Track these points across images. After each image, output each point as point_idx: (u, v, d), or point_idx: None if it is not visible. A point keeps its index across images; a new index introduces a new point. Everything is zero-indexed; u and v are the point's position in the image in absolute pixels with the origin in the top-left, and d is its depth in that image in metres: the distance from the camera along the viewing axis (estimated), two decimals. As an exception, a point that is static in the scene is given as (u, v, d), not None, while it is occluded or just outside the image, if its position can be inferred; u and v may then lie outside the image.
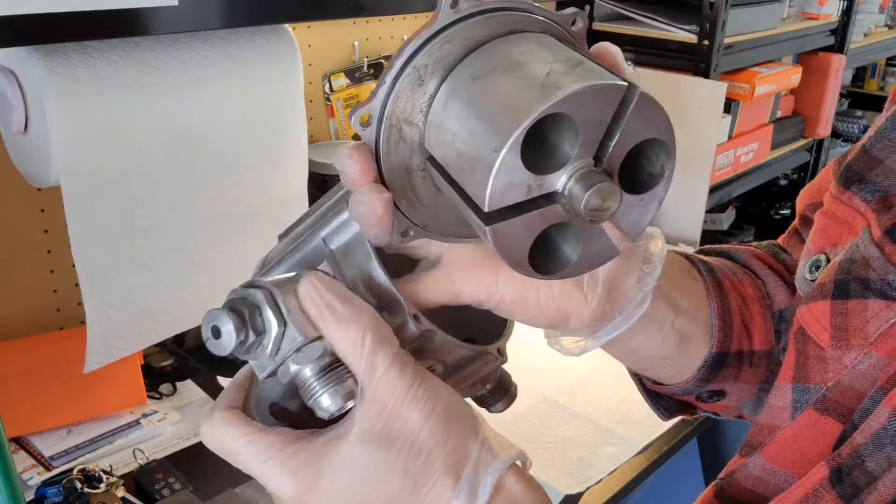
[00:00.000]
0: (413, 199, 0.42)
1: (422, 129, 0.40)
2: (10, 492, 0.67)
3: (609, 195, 0.35)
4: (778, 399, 0.49)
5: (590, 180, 0.35)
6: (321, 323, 0.39)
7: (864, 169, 0.48)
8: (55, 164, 0.84)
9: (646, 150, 0.37)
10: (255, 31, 0.99)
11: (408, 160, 0.41)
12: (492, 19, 0.38)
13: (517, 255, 0.37)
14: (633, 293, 0.48)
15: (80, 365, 0.95)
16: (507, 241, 0.36)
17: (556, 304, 0.48)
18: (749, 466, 0.48)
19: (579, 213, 0.35)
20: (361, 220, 0.41)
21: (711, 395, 0.58)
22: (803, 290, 0.50)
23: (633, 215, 0.38)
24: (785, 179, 2.45)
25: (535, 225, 0.36)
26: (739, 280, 0.58)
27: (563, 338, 0.50)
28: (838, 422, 0.43)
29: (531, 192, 0.35)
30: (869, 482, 0.39)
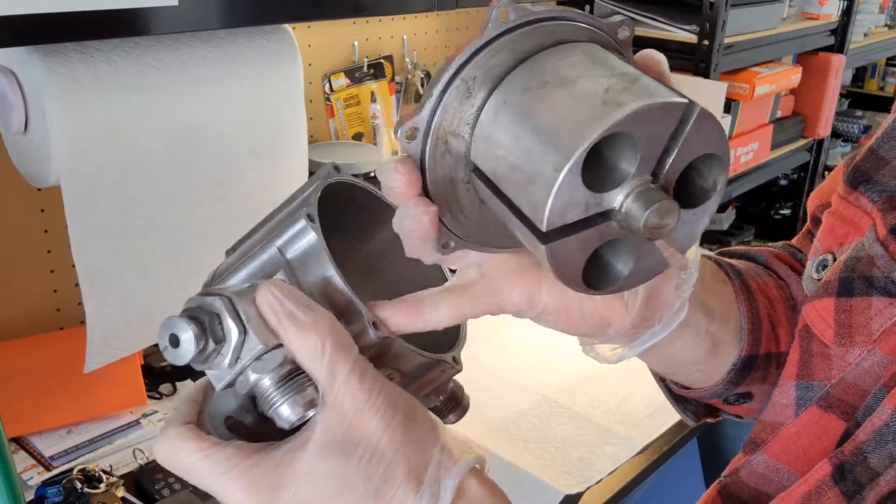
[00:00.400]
0: (457, 211, 0.41)
1: (468, 141, 0.39)
2: (10, 492, 0.67)
3: (668, 213, 0.35)
4: (782, 396, 0.49)
5: (648, 198, 0.34)
6: (281, 330, 0.39)
7: (872, 169, 0.48)
8: (55, 164, 0.84)
9: (698, 165, 0.37)
10: (255, 31, 0.99)
11: (453, 172, 0.40)
12: (539, 29, 0.38)
13: (571, 274, 0.37)
14: (671, 300, 0.48)
15: (80, 365, 0.95)
16: (562, 260, 0.36)
17: (598, 313, 0.47)
18: (752, 464, 0.48)
19: (637, 231, 0.35)
20: (406, 234, 0.40)
21: (739, 398, 0.57)
22: (810, 289, 0.50)
23: (685, 229, 0.38)
24: (785, 179, 2.45)
25: (590, 243, 0.36)
26: (764, 282, 0.58)
27: (599, 346, 0.50)
28: (841, 419, 0.44)
29: (589, 210, 0.35)
30: (871, 479, 0.39)
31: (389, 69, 1.57)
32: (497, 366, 1.32)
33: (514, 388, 1.28)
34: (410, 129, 0.39)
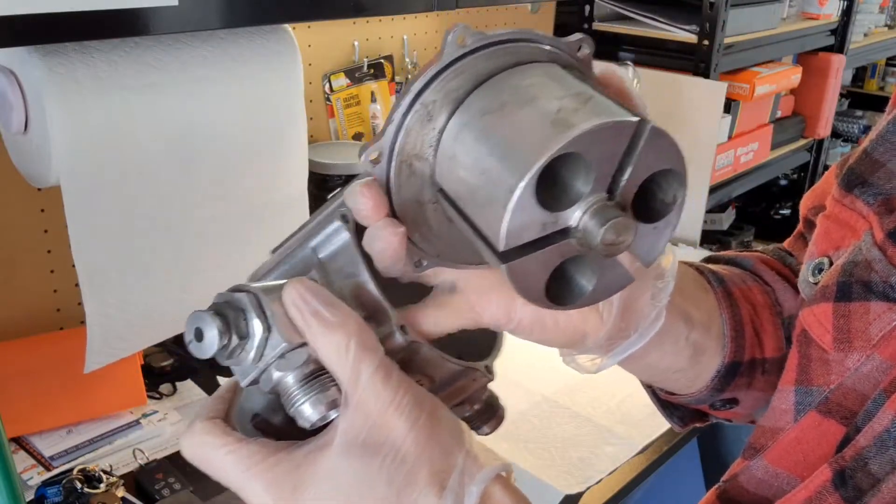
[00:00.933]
0: (426, 230, 0.42)
1: (432, 163, 0.40)
2: (10, 492, 0.67)
3: (624, 230, 0.35)
4: (781, 402, 0.49)
5: (605, 215, 0.35)
6: (306, 328, 0.39)
7: (866, 172, 0.48)
8: (55, 164, 0.84)
9: (658, 180, 0.37)
10: (255, 31, 0.99)
11: (419, 194, 0.41)
12: (498, 52, 0.38)
13: (534, 291, 0.37)
14: (647, 310, 0.48)
15: (80, 365, 0.95)
16: (522, 278, 0.36)
17: (574, 325, 0.47)
18: (752, 469, 0.48)
19: (595, 248, 0.35)
20: (376, 254, 0.41)
21: (724, 404, 0.58)
22: (806, 293, 0.50)
23: (647, 243, 0.39)
24: (785, 179, 2.45)
25: (551, 260, 0.37)
26: (749, 287, 0.58)
27: (578, 356, 0.50)
28: (841, 424, 0.44)
29: (546, 229, 0.35)
30: (872, 484, 0.39)
31: (389, 69, 1.57)
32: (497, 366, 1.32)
33: (514, 388, 1.28)
34: (374, 153, 0.39)
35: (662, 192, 0.38)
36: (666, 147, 0.36)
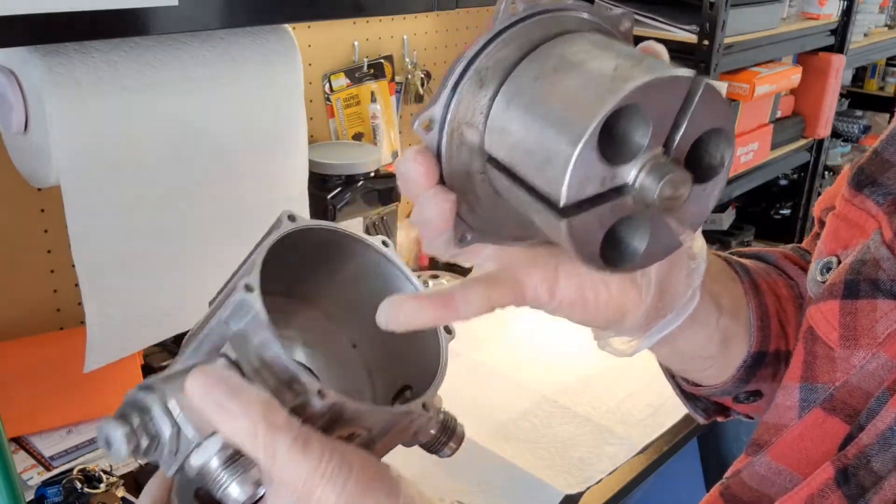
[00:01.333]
0: (473, 202, 0.42)
1: (482, 131, 0.40)
2: (10, 492, 0.67)
3: (681, 184, 0.36)
4: (785, 398, 0.49)
5: (662, 170, 0.35)
6: (213, 421, 0.38)
7: (876, 172, 0.48)
8: (55, 164, 0.84)
9: (706, 140, 0.38)
10: (255, 31, 0.99)
11: (468, 164, 0.41)
12: (546, 20, 0.39)
13: (590, 250, 0.37)
14: (683, 289, 0.48)
15: (80, 365, 0.95)
16: (580, 236, 0.37)
17: (615, 302, 0.47)
18: (755, 465, 0.49)
19: (652, 204, 0.36)
20: (426, 223, 0.40)
21: (749, 396, 0.57)
22: (814, 291, 0.50)
23: (696, 205, 0.39)
24: (785, 179, 2.45)
25: (607, 218, 0.37)
26: (774, 280, 0.58)
27: (613, 339, 0.50)
28: (845, 422, 0.44)
29: (605, 185, 0.36)
30: (875, 482, 0.39)
31: (389, 69, 1.57)
32: (497, 366, 1.32)
33: (514, 388, 1.28)
34: (426, 120, 0.39)
35: (709, 154, 0.38)
36: (718, 104, 0.36)
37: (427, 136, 0.40)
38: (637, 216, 0.38)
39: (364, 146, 1.50)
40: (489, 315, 0.45)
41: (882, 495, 0.39)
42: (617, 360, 0.58)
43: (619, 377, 1.32)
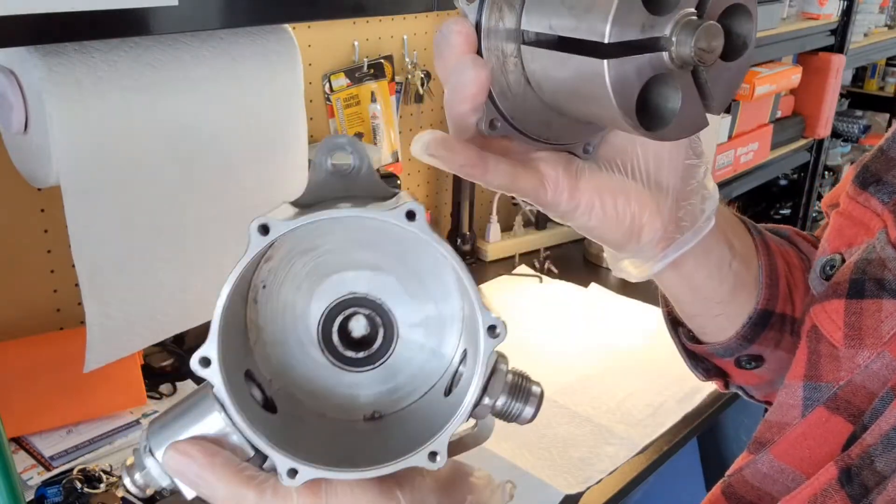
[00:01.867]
0: (504, 88, 0.43)
1: (519, 11, 0.42)
2: (10, 492, 0.67)
3: (715, 36, 0.38)
4: (788, 397, 0.49)
5: (696, 23, 0.38)
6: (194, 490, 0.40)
7: (882, 170, 0.48)
8: (55, 164, 0.84)
9: (731, 18, 0.40)
10: (255, 31, 0.99)
11: (504, 44, 0.42)
12: None
13: (628, 99, 0.38)
14: (697, 211, 0.49)
15: (80, 365, 0.95)
16: (620, 83, 0.38)
17: (631, 210, 0.47)
18: (757, 463, 0.48)
19: (686, 58, 0.38)
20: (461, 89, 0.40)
21: (750, 360, 0.57)
22: (817, 289, 0.50)
23: (722, 83, 0.41)
24: (785, 179, 2.45)
25: (645, 70, 0.38)
26: (786, 250, 0.58)
27: (627, 262, 0.50)
28: (848, 421, 0.44)
29: (644, 31, 0.38)
30: (878, 482, 0.39)
31: (389, 69, 1.57)
32: (497, 366, 1.32)
33: (514, 388, 1.27)
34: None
35: (735, 31, 0.40)
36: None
37: (468, 7, 0.41)
38: (672, 78, 0.39)
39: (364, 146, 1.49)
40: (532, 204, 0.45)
41: (885, 496, 0.39)
42: (617, 361, 0.58)
43: (619, 377, 1.32)
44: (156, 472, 0.40)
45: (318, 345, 0.43)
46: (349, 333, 0.43)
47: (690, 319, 0.58)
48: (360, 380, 0.44)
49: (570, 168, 0.46)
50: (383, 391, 0.44)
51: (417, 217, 0.36)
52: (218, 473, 0.38)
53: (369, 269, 0.43)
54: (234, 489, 0.38)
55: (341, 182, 0.43)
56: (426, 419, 0.42)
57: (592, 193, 0.46)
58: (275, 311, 0.43)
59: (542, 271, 1.73)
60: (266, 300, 0.42)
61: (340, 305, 0.43)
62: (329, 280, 0.43)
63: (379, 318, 0.43)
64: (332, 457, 0.39)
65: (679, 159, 0.48)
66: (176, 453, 0.39)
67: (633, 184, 0.48)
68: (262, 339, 0.43)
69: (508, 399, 0.42)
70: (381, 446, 0.42)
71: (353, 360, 0.43)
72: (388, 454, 0.39)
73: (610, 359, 1.38)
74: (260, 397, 0.42)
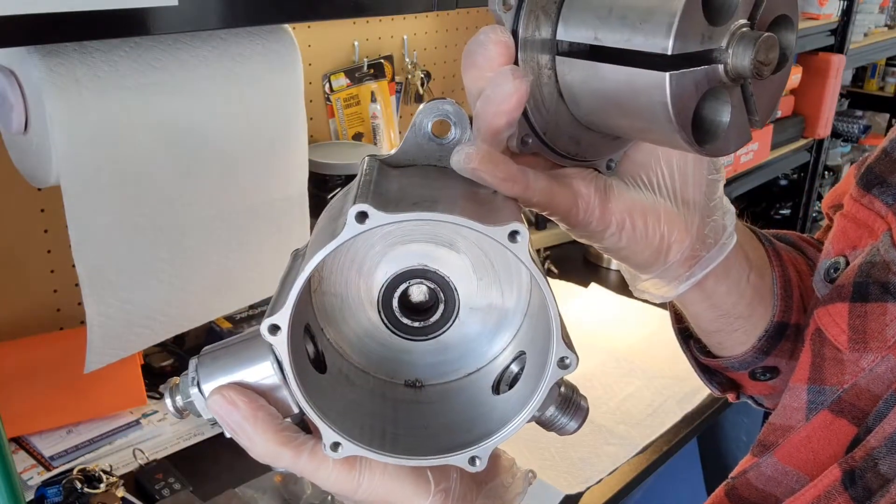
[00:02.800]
0: (539, 100, 0.41)
1: (555, 20, 0.40)
2: (10, 492, 0.67)
3: (773, 48, 0.37)
4: (792, 400, 0.49)
5: (753, 35, 0.37)
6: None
7: (886, 172, 0.48)
8: (55, 164, 0.84)
9: (776, 28, 0.39)
10: (255, 31, 0.98)
11: (538, 55, 0.40)
12: None
13: (685, 113, 0.37)
14: (720, 228, 0.49)
15: (80, 365, 0.95)
16: (679, 95, 0.36)
17: (661, 229, 0.46)
18: (761, 466, 0.48)
19: (743, 71, 0.37)
20: (496, 103, 0.38)
21: (765, 372, 0.57)
22: (820, 291, 0.50)
23: (766, 96, 0.40)
24: (785, 179, 2.45)
25: (702, 83, 0.37)
26: (795, 257, 0.58)
27: (648, 282, 0.50)
28: (853, 424, 0.44)
29: (704, 43, 0.36)
30: (882, 485, 0.39)
31: (389, 69, 1.57)
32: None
33: (514, 388, 1.28)
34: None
35: (780, 42, 0.39)
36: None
37: (506, 15, 0.39)
38: (724, 91, 0.38)
39: (364, 146, 1.50)
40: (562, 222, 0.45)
41: (889, 498, 0.38)
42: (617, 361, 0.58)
43: (619, 377, 1.32)
44: (199, 403, 0.40)
45: (376, 306, 0.43)
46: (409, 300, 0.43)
47: (709, 336, 0.57)
48: (410, 347, 0.44)
49: (600, 185, 0.45)
50: (430, 363, 0.44)
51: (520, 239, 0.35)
52: (259, 427, 0.39)
53: (445, 246, 0.42)
54: (272, 447, 0.39)
55: (436, 149, 0.42)
56: (467, 406, 0.43)
57: (623, 212, 0.45)
58: (342, 264, 0.43)
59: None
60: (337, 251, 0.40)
61: (408, 274, 0.42)
62: (403, 247, 0.42)
63: (442, 293, 0.43)
64: (374, 430, 0.40)
65: (702, 175, 0.47)
66: (221, 399, 0.39)
67: (662, 202, 0.47)
68: (323, 288, 0.43)
69: (557, 411, 0.41)
70: (421, 424, 0.42)
71: (407, 327, 0.43)
72: (428, 437, 0.40)
73: (610, 359, 1.38)
74: (312, 352, 0.42)
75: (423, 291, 0.43)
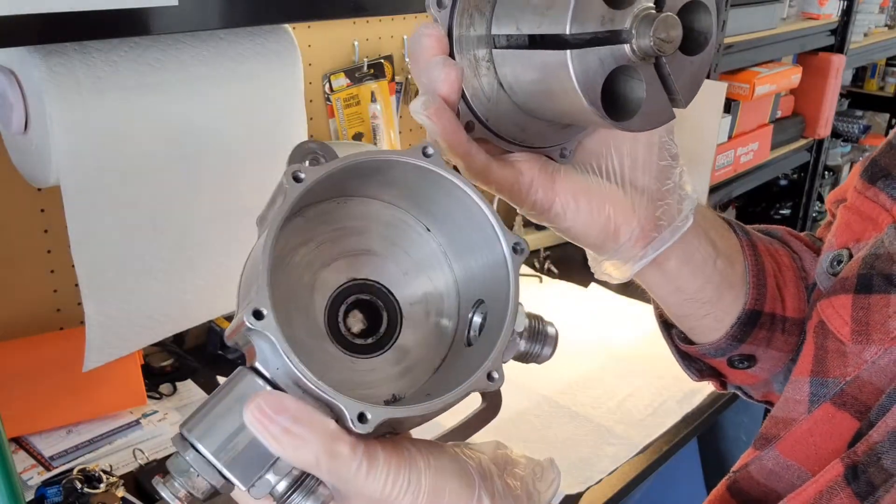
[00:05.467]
0: (478, 89, 0.45)
1: (489, 17, 0.44)
2: (10, 492, 0.67)
3: (673, 26, 0.40)
4: (795, 392, 0.49)
5: (653, 15, 0.40)
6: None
7: (891, 165, 0.48)
8: (55, 164, 0.84)
9: (692, 14, 0.42)
10: (255, 30, 0.98)
11: (476, 48, 0.44)
12: None
13: (593, 88, 0.40)
14: (674, 211, 0.50)
15: (80, 365, 0.95)
16: (584, 73, 0.40)
17: (606, 210, 0.49)
18: (763, 459, 0.48)
19: (647, 49, 0.40)
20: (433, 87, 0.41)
21: (742, 360, 0.58)
22: (824, 284, 0.50)
23: (686, 77, 0.43)
24: (785, 179, 2.45)
25: (608, 61, 0.40)
26: (775, 249, 0.58)
27: (607, 263, 0.51)
28: (855, 418, 0.44)
29: (604, 24, 0.40)
30: (885, 479, 0.39)
31: (389, 69, 1.57)
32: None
33: (514, 388, 1.27)
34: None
35: (696, 27, 0.42)
36: None
37: (440, 13, 0.43)
38: (636, 70, 0.41)
39: (364, 146, 1.50)
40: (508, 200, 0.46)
41: (893, 493, 0.38)
42: (617, 361, 0.58)
43: (619, 377, 1.32)
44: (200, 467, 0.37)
45: (328, 337, 0.42)
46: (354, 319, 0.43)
47: (680, 321, 0.59)
48: (374, 365, 0.43)
49: (546, 168, 0.48)
50: (398, 371, 0.44)
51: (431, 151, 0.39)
52: (310, 426, 0.36)
53: (363, 255, 0.43)
54: (328, 443, 0.36)
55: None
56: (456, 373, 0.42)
57: (567, 194, 0.48)
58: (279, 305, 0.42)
59: (542, 271, 1.73)
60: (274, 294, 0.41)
61: (342, 294, 0.43)
62: (326, 271, 0.43)
63: (380, 301, 0.43)
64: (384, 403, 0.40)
65: (653, 160, 0.49)
66: (265, 402, 0.36)
67: (607, 185, 0.49)
68: None
69: (528, 342, 0.43)
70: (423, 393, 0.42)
71: (363, 346, 0.43)
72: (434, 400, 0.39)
73: (610, 359, 1.38)
74: None
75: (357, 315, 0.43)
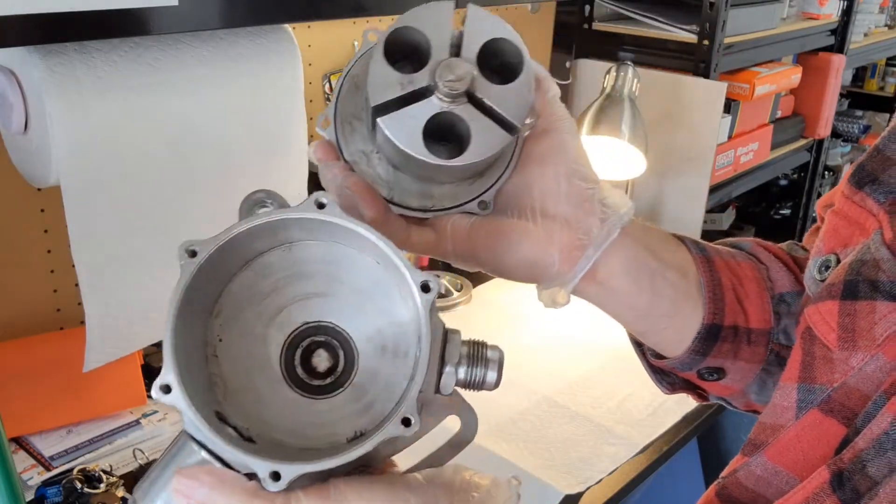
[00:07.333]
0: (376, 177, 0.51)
1: (367, 119, 0.50)
2: (10, 492, 0.67)
3: (456, 67, 0.45)
4: (782, 398, 0.49)
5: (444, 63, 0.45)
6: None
7: (878, 169, 0.47)
8: (55, 164, 0.84)
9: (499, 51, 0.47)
10: (255, 30, 0.99)
11: (363, 146, 0.51)
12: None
13: (410, 138, 0.46)
14: (596, 230, 0.52)
15: (80, 365, 0.95)
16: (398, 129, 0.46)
17: (522, 247, 0.52)
18: (751, 465, 0.48)
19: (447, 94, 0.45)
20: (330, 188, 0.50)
21: (711, 373, 0.58)
22: (811, 290, 0.50)
23: (511, 101, 0.47)
24: (785, 179, 2.45)
25: (420, 114, 0.46)
26: (737, 262, 0.59)
27: (544, 291, 0.54)
28: (842, 424, 0.44)
29: (405, 88, 0.46)
30: (870, 487, 0.39)
31: (389, 69, 1.57)
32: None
33: (514, 388, 1.28)
34: (322, 119, 0.51)
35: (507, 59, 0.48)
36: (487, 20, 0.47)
37: (325, 131, 0.51)
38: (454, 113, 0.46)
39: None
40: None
41: (877, 501, 0.38)
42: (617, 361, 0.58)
43: (619, 377, 1.32)
44: None
45: (284, 381, 0.43)
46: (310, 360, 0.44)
47: (642, 336, 0.60)
48: (333, 404, 0.43)
49: (460, 223, 0.52)
50: (359, 408, 0.43)
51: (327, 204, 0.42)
52: (227, 491, 0.38)
53: (313, 297, 0.44)
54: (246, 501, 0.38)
55: None
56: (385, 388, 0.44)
57: (482, 242, 0.52)
58: (235, 360, 0.43)
59: (542, 271, 1.73)
60: (225, 352, 0.43)
61: (297, 338, 0.44)
62: (279, 317, 0.44)
63: (335, 340, 0.44)
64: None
65: (563, 189, 0.52)
66: (183, 478, 0.38)
67: (518, 223, 0.52)
68: (231, 390, 0.43)
69: (469, 367, 0.43)
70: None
71: (321, 387, 0.43)
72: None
73: (610, 359, 1.38)
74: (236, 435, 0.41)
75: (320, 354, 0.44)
